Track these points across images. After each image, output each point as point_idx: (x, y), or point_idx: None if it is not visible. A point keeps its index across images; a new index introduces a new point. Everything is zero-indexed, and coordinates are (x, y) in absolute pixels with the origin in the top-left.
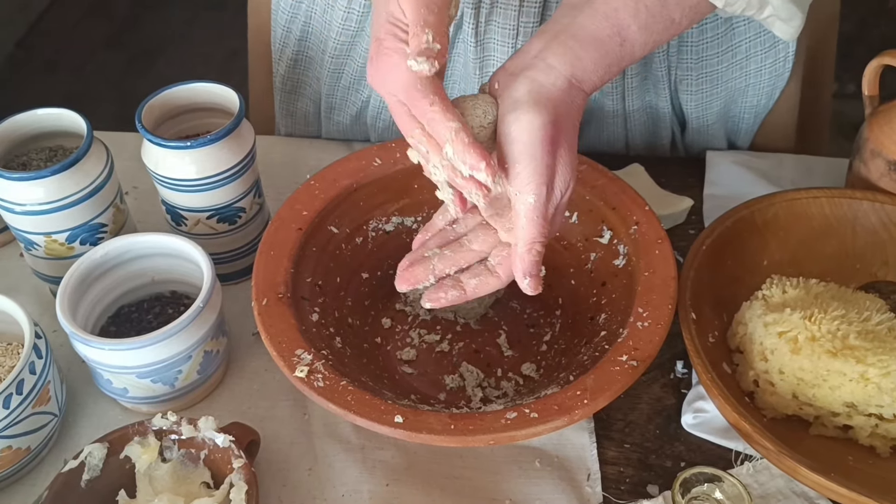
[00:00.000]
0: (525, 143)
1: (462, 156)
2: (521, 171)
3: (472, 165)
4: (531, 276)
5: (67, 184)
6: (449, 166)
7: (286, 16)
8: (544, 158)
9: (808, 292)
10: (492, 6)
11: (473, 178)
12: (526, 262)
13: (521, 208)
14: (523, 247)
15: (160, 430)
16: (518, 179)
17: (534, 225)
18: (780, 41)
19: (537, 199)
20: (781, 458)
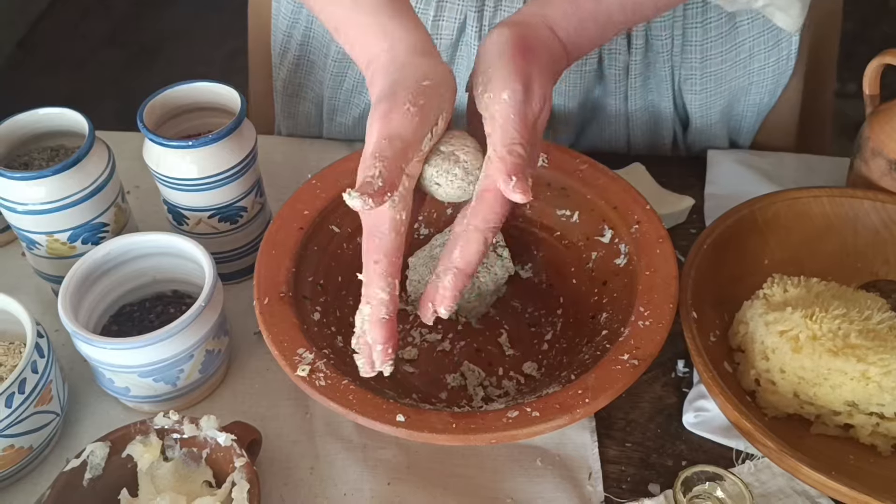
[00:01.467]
0: (495, 50)
1: (372, 326)
2: (493, 73)
3: (374, 339)
4: (517, 176)
5: (69, 183)
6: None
7: (287, 21)
8: (516, 60)
9: (809, 291)
10: (495, 9)
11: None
12: (508, 162)
13: (497, 109)
14: (502, 148)
15: (162, 429)
16: (491, 83)
17: (511, 124)
18: (784, 39)
19: (511, 95)
20: (783, 456)
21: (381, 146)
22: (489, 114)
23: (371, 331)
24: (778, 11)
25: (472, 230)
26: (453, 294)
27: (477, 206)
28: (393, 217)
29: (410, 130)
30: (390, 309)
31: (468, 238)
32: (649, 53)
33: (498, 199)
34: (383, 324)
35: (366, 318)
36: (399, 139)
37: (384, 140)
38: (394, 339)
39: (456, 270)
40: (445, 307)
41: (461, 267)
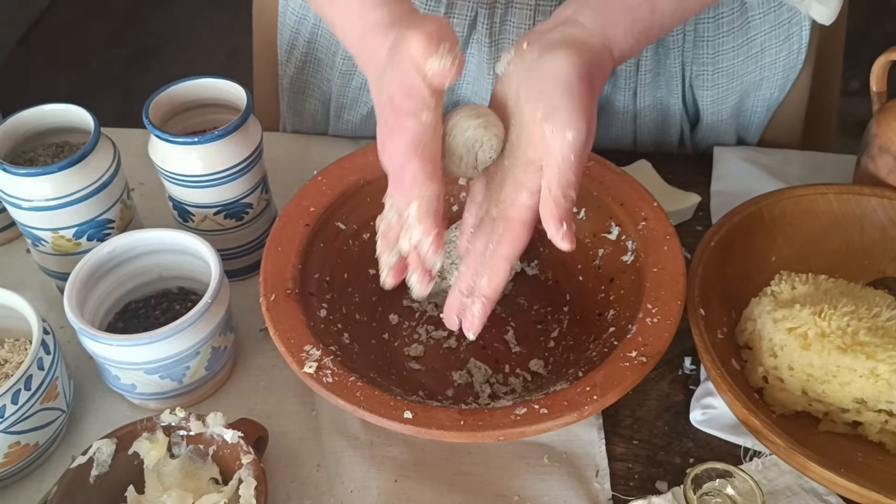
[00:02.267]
0: (565, 78)
1: (422, 219)
2: (561, 105)
3: (426, 230)
4: (567, 224)
5: (75, 179)
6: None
7: (295, 17)
8: (583, 96)
9: (817, 288)
10: (507, 6)
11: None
12: (561, 207)
13: (558, 147)
14: (558, 190)
15: (168, 426)
16: (556, 115)
17: (570, 167)
18: (795, 33)
19: (576, 137)
20: (791, 454)
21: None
22: (545, 145)
23: (423, 221)
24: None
25: (498, 259)
26: (482, 321)
27: (505, 234)
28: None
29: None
30: (439, 207)
31: (495, 267)
32: (660, 50)
33: (526, 230)
34: (435, 214)
35: (413, 213)
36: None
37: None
38: (444, 232)
39: (485, 300)
40: (474, 332)
41: (489, 295)
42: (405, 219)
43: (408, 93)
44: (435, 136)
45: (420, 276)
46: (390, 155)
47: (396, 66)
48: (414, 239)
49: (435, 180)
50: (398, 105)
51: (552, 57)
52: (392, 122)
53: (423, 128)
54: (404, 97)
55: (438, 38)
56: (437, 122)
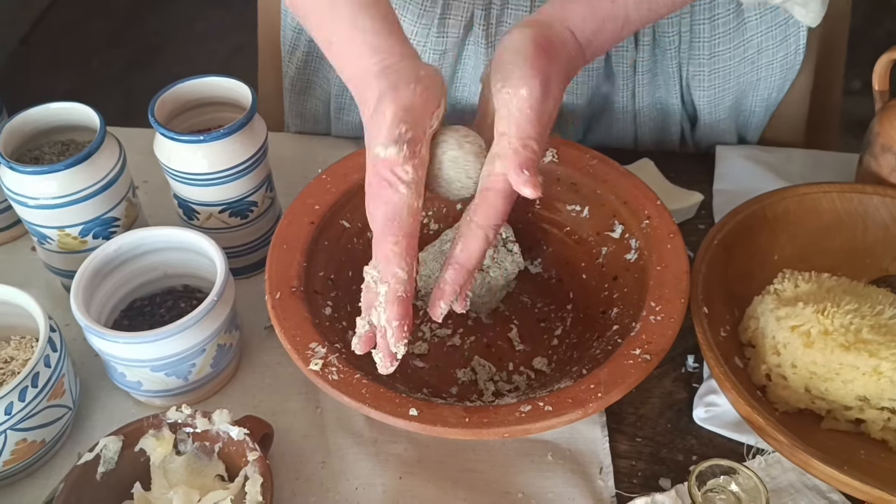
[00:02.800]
0: (515, 46)
1: (389, 304)
2: (513, 70)
3: (389, 318)
4: (529, 170)
5: (81, 178)
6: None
7: (296, 18)
8: (536, 58)
9: (820, 286)
10: (502, 7)
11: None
12: (521, 156)
13: (514, 104)
14: (517, 141)
15: (175, 423)
16: (510, 79)
17: (527, 120)
18: (792, 34)
19: (530, 92)
20: (794, 451)
21: (399, 116)
22: (506, 109)
23: (388, 308)
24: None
25: (473, 227)
26: (453, 288)
27: (479, 202)
28: (411, 203)
29: (420, 104)
30: (408, 289)
31: (469, 234)
32: (657, 50)
33: (500, 197)
34: (401, 301)
35: (382, 294)
36: (413, 110)
37: (400, 111)
38: (409, 318)
39: (457, 266)
40: (444, 301)
41: (462, 262)
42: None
43: (386, 163)
44: (413, 209)
45: (383, 356)
46: (371, 219)
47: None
48: (381, 321)
49: (406, 259)
50: (378, 170)
51: (508, 36)
52: (374, 187)
53: (400, 200)
54: (382, 166)
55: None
56: (416, 192)
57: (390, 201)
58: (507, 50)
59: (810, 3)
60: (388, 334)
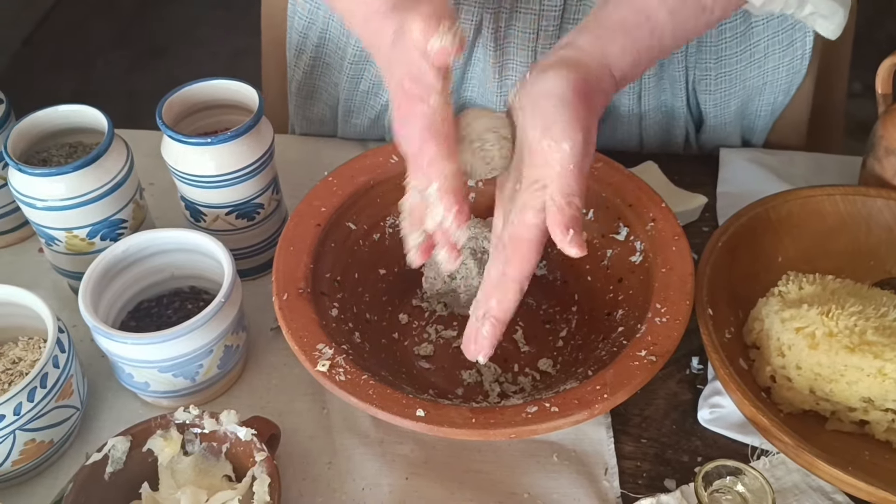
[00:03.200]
0: (558, 93)
1: (442, 197)
2: (556, 119)
3: (447, 207)
4: (574, 230)
5: (89, 180)
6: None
7: (303, 22)
8: (579, 108)
9: (824, 288)
10: (511, 11)
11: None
12: (566, 215)
13: (556, 158)
14: (561, 199)
15: (182, 423)
16: (553, 129)
17: (570, 175)
18: (798, 39)
19: (573, 146)
20: (799, 452)
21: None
22: (545, 160)
23: (444, 199)
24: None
25: (508, 280)
26: (491, 343)
27: (513, 255)
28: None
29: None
30: (459, 183)
31: (505, 289)
32: None
33: (534, 249)
34: (455, 192)
35: (433, 193)
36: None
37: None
38: (467, 206)
39: (494, 321)
40: (484, 356)
41: (499, 317)
42: (427, 199)
43: (415, 78)
44: (446, 116)
45: (448, 252)
46: (406, 140)
47: (401, 52)
48: (437, 217)
49: (451, 159)
50: (407, 90)
51: (547, 76)
52: (404, 108)
53: (433, 110)
54: (412, 82)
55: (437, 18)
56: (447, 102)
57: (424, 113)
58: (546, 95)
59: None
60: (447, 225)
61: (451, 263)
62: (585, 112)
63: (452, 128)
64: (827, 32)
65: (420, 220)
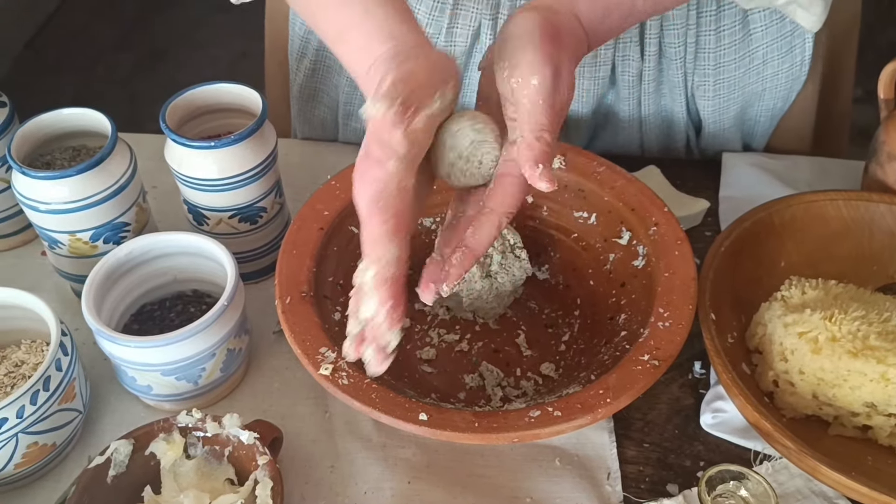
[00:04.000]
0: (523, 32)
1: (378, 286)
2: (522, 57)
3: (380, 301)
4: (544, 164)
5: (92, 183)
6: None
7: (305, 26)
8: (546, 45)
9: (827, 293)
10: (509, 16)
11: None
12: (536, 149)
13: (525, 94)
14: (530, 134)
15: (185, 426)
16: (519, 67)
17: (539, 110)
18: (797, 45)
19: (541, 81)
20: (802, 457)
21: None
22: (515, 98)
23: (378, 290)
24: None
25: (487, 212)
26: (459, 272)
27: (495, 189)
28: (401, 180)
29: (424, 76)
30: (399, 270)
31: (482, 219)
32: (662, 60)
33: (516, 184)
34: (392, 282)
35: (368, 281)
36: (413, 78)
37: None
38: (403, 303)
39: (465, 249)
40: (448, 284)
41: (472, 246)
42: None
43: (377, 136)
44: (403, 186)
45: (374, 353)
46: (357, 204)
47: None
48: (369, 310)
49: (395, 240)
50: (368, 149)
51: (515, 19)
52: (360, 167)
53: (388, 177)
54: (374, 141)
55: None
56: (408, 169)
57: (378, 179)
58: (512, 35)
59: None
60: (377, 321)
61: (376, 367)
62: (553, 49)
63: (406, 203)
64: (807, 24)
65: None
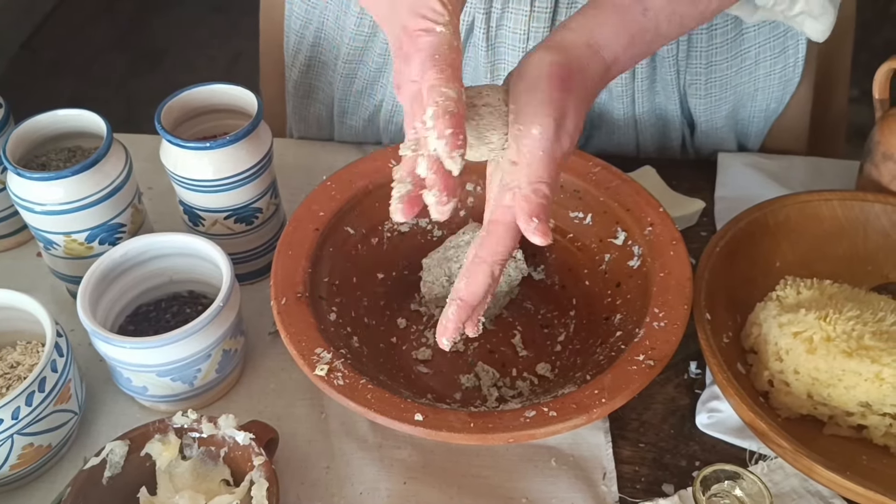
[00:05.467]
0: (532, 76)
1: (437, 119)
2: (526, 103)
3: (440, 131)
4: (539, 218)
5: (87, 184)
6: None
7: (300, 21)
8: (551, 92)
9: (822, 293)
10: (502, 11)
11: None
12: (532, 202)
13: (525, 143)
14: (528, 186)
15: (181, 427)
16: (522, 113)
17: (539, 162)
18: (790, 46)
19: (543, 132)
20: (797, 456)
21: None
22: (517, 145)
23: (439, 123)
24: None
25: (478, 262)
26: (455, 326)
27: (486, 237)
28: (451, 41)
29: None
30: (459, 109)
31: (474, 270)
32: (655, 58)
33: (509, 233)
34: (452, 115)
35: (429, 119)
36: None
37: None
38: (463, 133)
39: (460, 302)
40: (447, 338)
41: (465, 299)
42: (420, 134)
43: (418, 12)
44: (452, 45)
45: (438, 192)
46: (406, 81)
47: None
48: (431, 146)
49: (454, 84)
50: (410, 29)
51: (528, 60)
52: (406, 46)
53: (439, 38)
54: (416, 18)
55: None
56: (455, 33)
57: (430, 42)
58: (522, 78)
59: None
60: (440, 149)
61: (441, 207)
62: (560, 96)
63: (459, 59)
64: (815, 34)
65: (409, 173)
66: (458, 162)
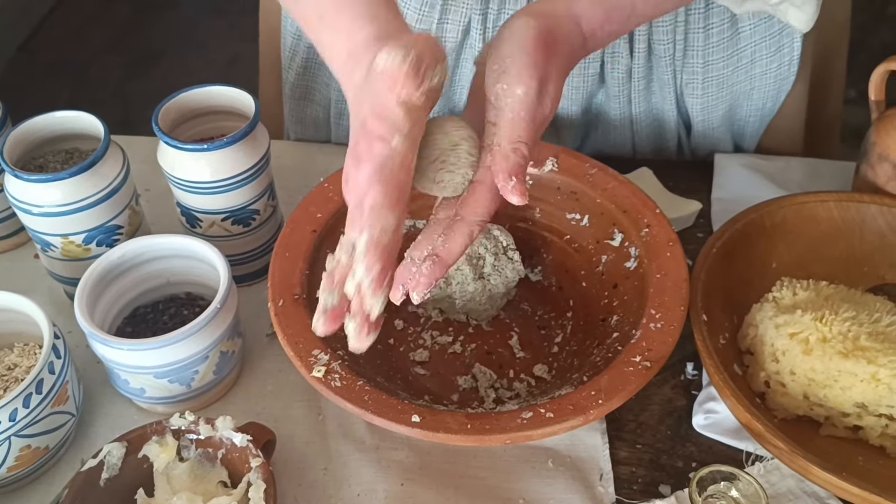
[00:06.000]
0: (516, 39)
1: (368, 251)
2: (511, 64)
3: (368, 265)
4: (517, 177)
5: (85, 186)
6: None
7: (297, 23)
8: (535, 54)
9: (818, 294)
10: (499, 12)
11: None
12: (510, 161)
13: (508, 103)
14: (508, 145)
15: (178, 429)
16: (507, 74)
17: (520, 121)
18: (786, 45)
19: (526, 92)
20: (794, 457)
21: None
22: (498, 104)
23: (368, 255)
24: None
25: (458, 220)
26: (429, 281)
27: (467, 197)
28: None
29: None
30: (394, 239)
31: (454, 228)
32: (651, 58)
33: (490, 193)
34: (385, 249)
35: (361, 246)
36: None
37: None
38: (391, 270)
39: (436, 258)
40: (419, 293)
41: (442, 255)
42: (355, 256)
43: (379, 114)
44: (405, 164)
45: (358, 325)
46: (353, 185)
47: (369, 86)
48: (357, 275)
49: (397, 210)
50: (368, 128)
51: (511, 23)
52: (360, 147)
53: (391, 152)
54: (375, 119)
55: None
56: (410, 148)
57: (381, 154)
58: (506, 40)
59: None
60: (364, 286)
61: (360, 341)
62: (545, 59)
63: (409, 178)
64: (799, 24)
65: (339, 282)
66: (379, 305)
